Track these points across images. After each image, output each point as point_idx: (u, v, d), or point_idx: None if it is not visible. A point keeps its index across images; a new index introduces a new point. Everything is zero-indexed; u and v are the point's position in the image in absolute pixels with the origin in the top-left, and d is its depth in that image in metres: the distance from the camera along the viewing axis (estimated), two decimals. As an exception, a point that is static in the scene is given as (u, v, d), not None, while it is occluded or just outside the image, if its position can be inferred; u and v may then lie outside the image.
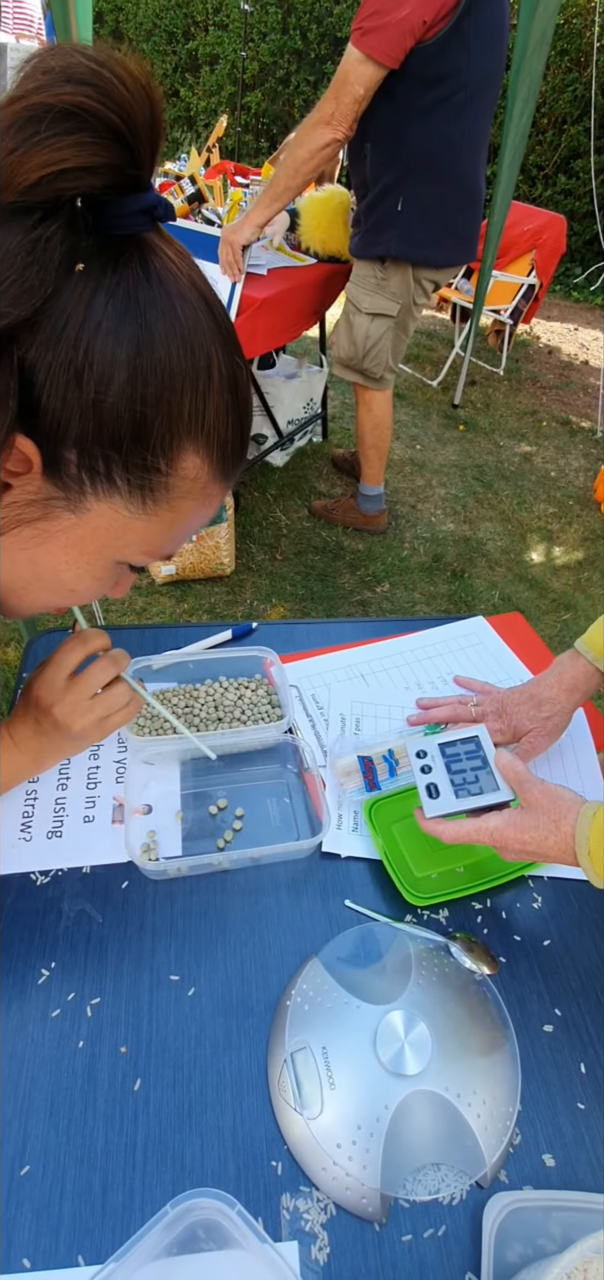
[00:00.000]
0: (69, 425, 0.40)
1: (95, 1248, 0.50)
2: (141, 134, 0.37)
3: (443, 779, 0.70)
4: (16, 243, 0.36)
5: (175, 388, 0.41)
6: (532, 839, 0.62)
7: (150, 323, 0.40)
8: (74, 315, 0.38)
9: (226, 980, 0.64)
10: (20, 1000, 0.61)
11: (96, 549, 0.46)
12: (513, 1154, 0.55)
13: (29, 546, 0.45)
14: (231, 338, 0.45)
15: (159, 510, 0.45)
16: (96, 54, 0.36)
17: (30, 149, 0.34)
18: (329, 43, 6.64)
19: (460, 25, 1.74)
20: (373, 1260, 0.50)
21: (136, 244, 0.40)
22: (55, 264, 0.37)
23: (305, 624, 1.03)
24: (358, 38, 1.75)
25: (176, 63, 7.78)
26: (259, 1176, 0.53)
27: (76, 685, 0.60)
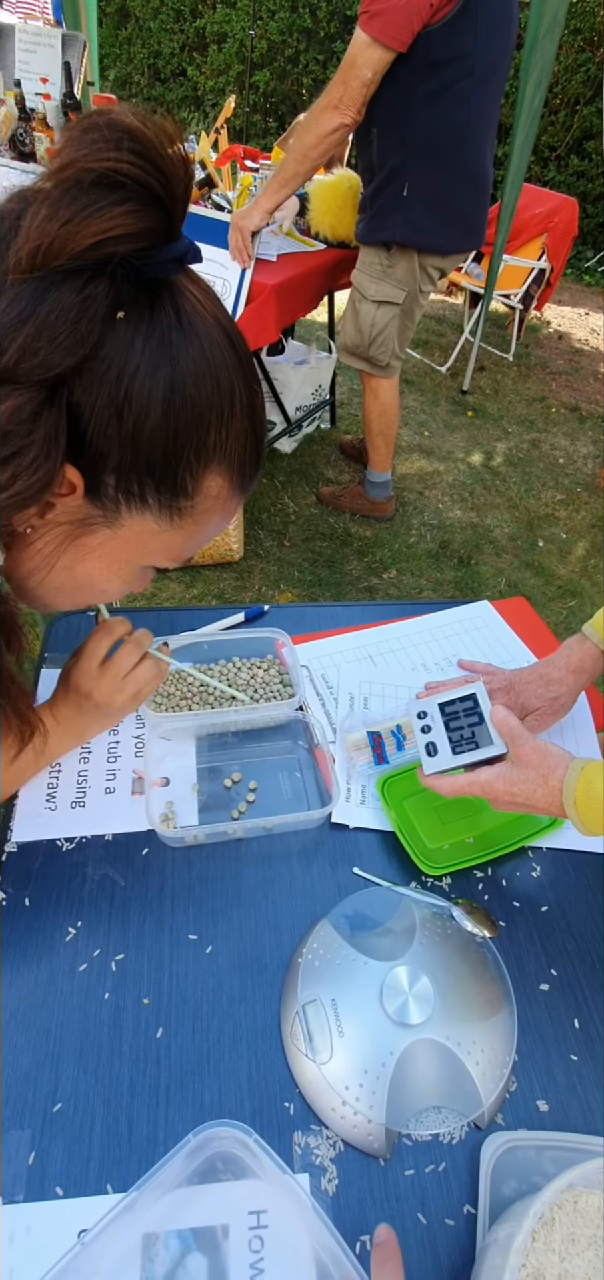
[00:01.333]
0: (109, 454, 0.45)
1: (122, 1177, 0.54)
2: (179, 196, 0.42)
3: (441, 737, 0.74)
4: (68, 302, 0.40)
5: (202, 420, 0.47)
6: (520, 791, 0.66)
7: (182, 364, 0.45)
8: (116, 360, 0.43)
9: (242, 939, 0.68)
10: (49, 956, 0.65)
11: (127, 557, 0.53)
12: (509, 1099, 0.59)
13: (68, 557, 0.51)
14: (250, 367, 0.50)
15: (184, 523, 0.51)
16: (140, 121, 0.40)
17: (83, 220, 0.38)
18: (339, 21, 6.55)
19: (468, 7, 1.74)
20: (378, 1192, 0.54)
21: (168, 288, 0.45)
22: (101, 316, 0.41)
23: (315, 607, 1.06)
24: (365, 21, 1.74)
25: (184, 41, 7.71)
26: (273, 1115, 0.58)
27: (110, 669, 0.67)
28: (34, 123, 2.52)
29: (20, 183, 1.51)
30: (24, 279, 0.40)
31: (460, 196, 2.01)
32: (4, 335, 0.40)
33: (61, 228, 0.39)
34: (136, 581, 0.57)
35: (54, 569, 0.52)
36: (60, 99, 2.58)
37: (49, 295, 0.40)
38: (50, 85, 2.68)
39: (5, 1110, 0.56)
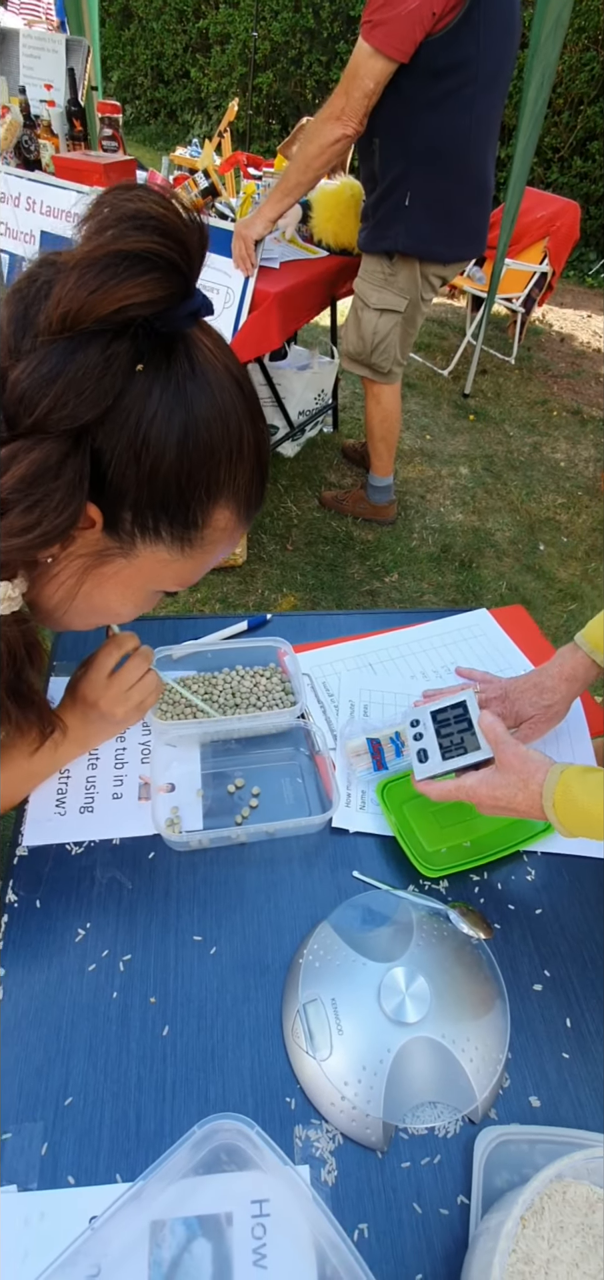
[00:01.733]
0: (127, 492, 0.49)
1: (130, 1167, 0.57)
2: (196, 261, 0.45)
3: (432, 744, 0.77)
4: (94, 360, 0.44)
5: (213, 460, 0.50)
6: (502, 795, 0.69)
7: (195, 410, 0.48)
8: (135, 409, 0.46)
9: (245, 941, 0.70)
10: (60, 956, 0.68)
11: (141, 584, 0.57)
12: (502, 1095, 0.62)
13: (87, 585, 0.55)
14: (257, 409, 0.54)
15: (194, 552, 0.55)
16: (161, 199, 0.44)
17: (109, 289, 0.42)
18: (342, 21, 6.56)
19: (470, 15, 1.75)
20: (376, 1182, 0.57)
21: (183, 340, 0.48)
22: (122, 370, 0.45)
23: (317, 615, 1.09)
24: (367, 31, 1.76)
25: (187, 42, 7.72)
26: (274, 1110, 0.60)
27: (116, 681, 0.70)
28: (39, 130, 2.55)
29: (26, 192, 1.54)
30: (53, 339, 0.43)
31: (462, 204, 2.03)
32: (35, 391, 0.43)
33: (90, 295, 0.42)
34: (147, 604, 0.61)
35: (73, 595, 0.55)
36: (65, 105, 2.60)
37: (76, 355, 0.43)
38: (55, 92, 2.71)
39: (19, 1103, 0.59)
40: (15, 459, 0.44)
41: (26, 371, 0.43)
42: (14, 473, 0.44)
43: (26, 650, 0.53)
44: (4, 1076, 0.60)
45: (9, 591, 0.49)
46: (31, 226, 2.29)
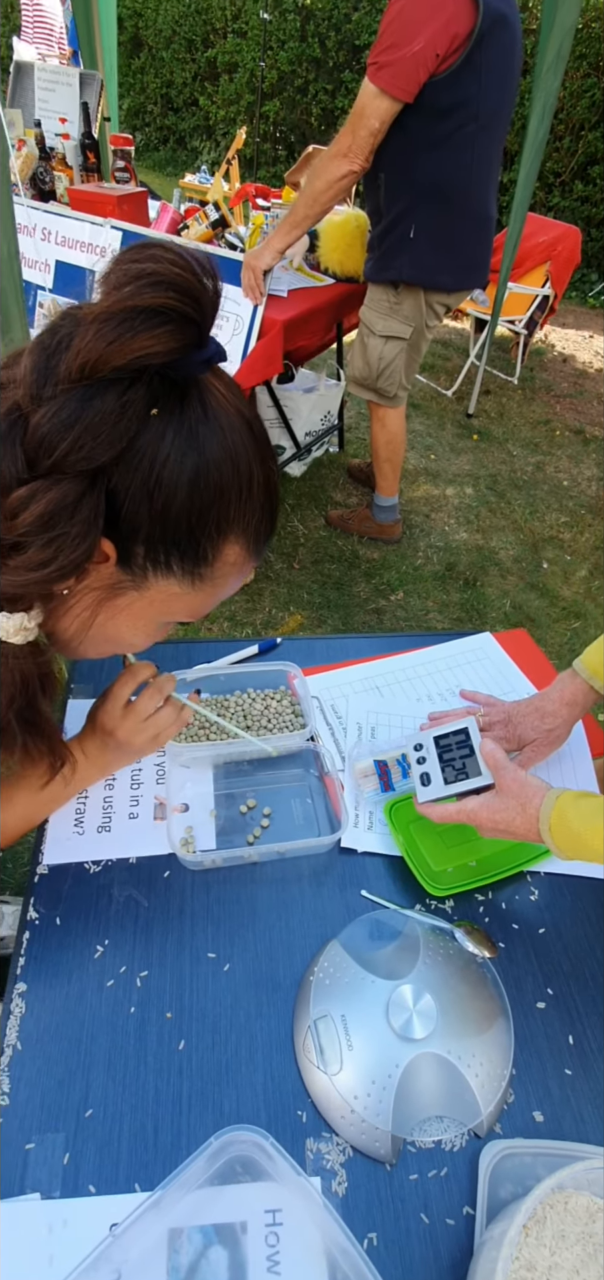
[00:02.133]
0: (140, 529, 0.51)
1: (149, 1177, 0.59)
2: (208, 314, 0.48)
3: (434, 768, 0.80)
4: (111, 406, 0.46)
5: (223, 499, 0.53)
6: (502, 819, 0.72)
7: (206, 452, 0.51)
8: (149, 451, 0.49)
9: (257, 958, 0.73)
10: (79, 972, 0.71)
11: (152, 615, 0.59)
12: (507, 1110, 0.64)
13: (100, 615, 0.57)
14: (267, 448, 0.57)
15: (204, 586, 0.57)
16: (177, 258, 0.46)
17: (125, 341, 0.45)
18: (347, 50, 6.70)
19: (472, 57, 1.81)
20: (384, 1193, 0.59)
21: (196, 385, 0.51)
22: (137, 414, 0.47)
23: (325, 639, 1.12)
24: (373, 72, 1.82)
25: (196, 71, 7.90)
26: (286, 1123, 0.62)
27: (132, 712, 0.72)
28: (54, 162, 2.63)
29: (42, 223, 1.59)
30: (72, 387, 0.46)
31: (465, 237, 2.08)
32: (55, 435, 0.46)
33: (107, 346, 0.45)
34: (159, 634, 0.63)
35: (87, 626, 0.58)
36: (79, 138, 2.68)
37: (94, 401, 0.46)
38: (69, 125, 2.79)
39: (42, 1114, 0.61)
40: (34, 498, 0.47)
41: (47, 416, 0.46)
42: (33, 510, 0.46)
43: (40, 680, 0.55)
44: (28, 1088, 0.63)
45: (25, 622, 0.52)
46: (46, 256, 2.36)
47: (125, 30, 8.12)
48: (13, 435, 0.47)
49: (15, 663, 0.53)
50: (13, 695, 0.54)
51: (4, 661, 0.53)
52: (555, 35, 2.72)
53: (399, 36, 1.77)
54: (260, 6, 6.45)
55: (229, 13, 7.39)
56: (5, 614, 0.51)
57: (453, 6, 1.74)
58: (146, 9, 8.09)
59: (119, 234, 2.26)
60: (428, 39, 1.75)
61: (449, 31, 1.76)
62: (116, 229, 2.26)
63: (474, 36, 1.78)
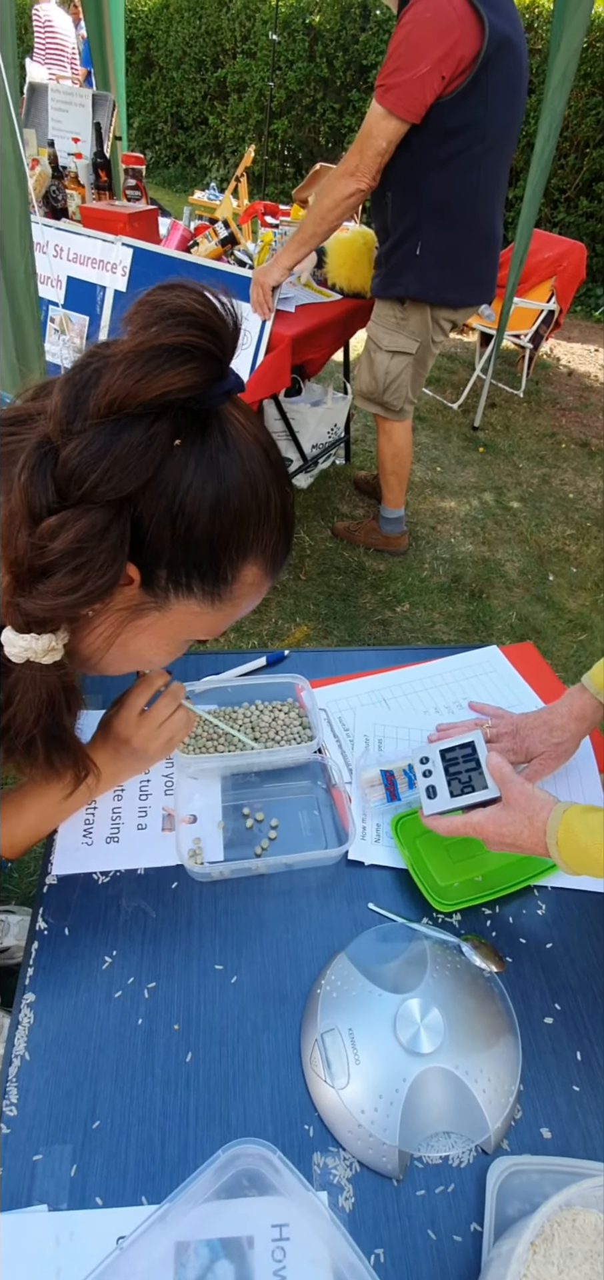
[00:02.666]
0: (163, 553, 0.54)
1: (156, 1190, 0.59)
2: (229, 349, 0.50)
3: (440, 781, 0.80)
4: (138, 439, 0.48)
5: (242, 523, 0.55)
6: (508, 832, 0.72)
7: (227, 479, 0.53)
8: (172, 479, 0.51)
9: (264, 970, 0.73)
10: (88, 983, 0.71)
11: (173, 635, 0.61)
12: (514, 1126, 0.64)
13: (123, 635, 0.59)
14: (284, 474, 0.59)
15: (224, 606, 0.59)
16: (200, 296, 0.49)
17: (152, 378, 0.47)
18: (354, 70, 6.79)
19: (478, 80, 1.83)
20: (392, 1209, 0.59)
21: (217, 415, 0.53)
22: (162, 445, 0.50)
23: (332, 651, 1.12)
24: (381, 94, 1.85)
25: (205, 90, 8.02)
26: (294, 1137, 0.62)
27: (148, 719, 0.74)
28: (66, 180, 2.68)
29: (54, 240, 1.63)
30: (101, 422, 0.48)
31: (471, 254, 2.10)
32: (85, 466, 0.48)
33: (135, 384, 0.47)
34: (178, 652, 0.65)
35: (110, 645, 0.59)
36: (91, 157, 2.73)
37: (122, 434, 0.48)
38: (82, 144, 2.84)
39: (50, 1125, 0.62)
40: (64, 526, 0.49)
41: (77, 450, 0.48)
42: (63, 538, 0.49)
43: (65, 696, 0.57)
44: (35, 1098, 0.63)
45: (52, 643, 0.53)
46: (58, 272, 2.39)
47: (137, 51, 8.26)
48: (44, 466, 0.49)
49: (43, 681, 0.55)
50: (40, 712, 0.56)
51: (32, 680, 0.55)
52: (562, 57, 2.76)
53: (406, 60, 1.80)
54: (270, 28, 6.54)
55: (239, 34, 7.50)
56: (34, 635, 0.52)
57: (459, 31, 1.77)
58: (158, 30, 8.23)
59: (130, 251, 2.29)
60: (434, 62, 1.78)
61: (455, 55, 1.78)
62: (127, 246, 2.29)
63: (480, 60, 1.80)
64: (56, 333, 2.41)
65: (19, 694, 0.55)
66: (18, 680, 0.55)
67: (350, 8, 6.68)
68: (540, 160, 3.01)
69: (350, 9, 6.68)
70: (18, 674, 0.55)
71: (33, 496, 0.49)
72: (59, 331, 2.41)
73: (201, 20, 7.79)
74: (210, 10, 7.67)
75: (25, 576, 0.50)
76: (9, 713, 0.56)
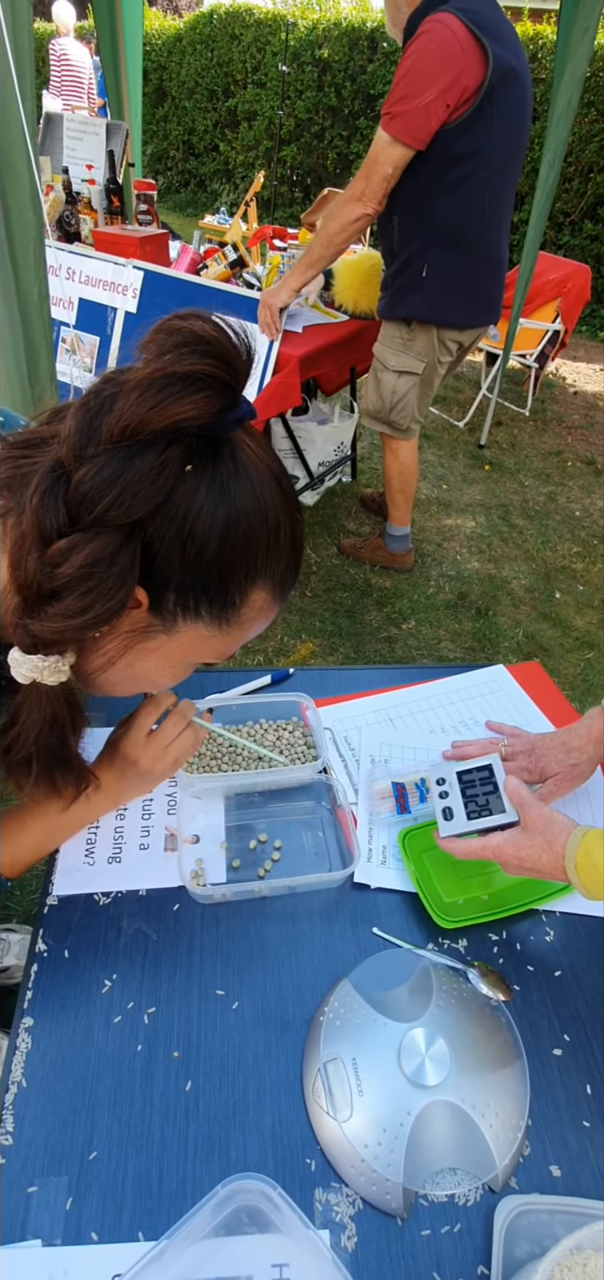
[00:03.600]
0: (172, 577, 0.53)
1: (153, 1225, 0.58)
2: (242, 378, 0.50)
3: (457, 803, 0.79)
4: (150, 464, 0.49)
5: (252, 549, 0.55)
6: (527, 856, 0.71)
7: (237, 506, 0.53)
8: (183, 504, 0.51)
9: (266, 996, 0.72)
10: (87, 1006, 0.70)
11: (180, 658, 0.61)
12: (522, 1163, 0.61)
13: (130, 656, 0.59)
14: (293, 500, 0.59)
15: (231, 630, 0.59)
16: (214, 325, 0.49)
17: (165, 405, 0.47)
18: (362, 99, 6.93)
19: (483, 108, 1.86)
20: (395, 1249, 0.57)
21: (228, 442, 0.53)
22: (174, 471, 0.50)
23: (337, 670, 1.11)
24: (387, 121, 1.88)
25: (217, 119, 8.20)
26: (295, 1171, 0.61)
27: (156, 740, 0.73)
28: (79, 205, 2.73)
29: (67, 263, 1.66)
30: (114, 447, 0.48)
31: (477, 277, 2.12)
32: (97, 491, 0.48)
33: (150, 410, 0.47)
34: (184, 675, 0.65)
35: (117, 667, 0.59)
36: (104, 183, 2.78)
37: (134, 460, 0.48)
38: (95, 171, 2.89)
39: (45, 1155, 0.60)
40: (74, 549, 0.49)
41: (90, 474, 0.48)
42: (73, 562, 0.49)
43: (71, 716, 0.57)
44: (31, 1127, 0.61)
45: (59, 664, 0.53)
46: (71, 294, 2.43)
47: (150, 82, 8.47)
48: (56, 490, 0.49)
49: (48, 701, 0.55)
50: (44, 731, 0.56)
51: (38, 700, 0.55)
52: (566, 87, 2.80)
53: (411, 88, 1.83)
54: (280, 59, 6.69)
55: (249, 65, 7.68)
56: (40, 655, 0.52)
57: (463, 61, 1.80)
58: (171, 62, 8.44)
59: (140, 273, 2.32)
60: (439, 91, 1.81)
61: (460, 85, 1.81)
62: (138, 268, 2.33)
63: (484, 89, 1.83)
64: (67, 353, 2.45)
65: (24, 714, 0.55)
66: (24, 700, 0.55)
67: (358, 40, 6.82)
68: (545, 185, 3.05)
69: (358, 41, 6.82)
70: (24, 694, 0.55)
71: (44, 519, 0.49)
72: (70, 352, 2.44)
73: (213, 52, 7.98)
74: (222, 43, 7.86)
75: (34, 598, 0.50)
76: (13, 732, 0.56)
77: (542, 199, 3.07)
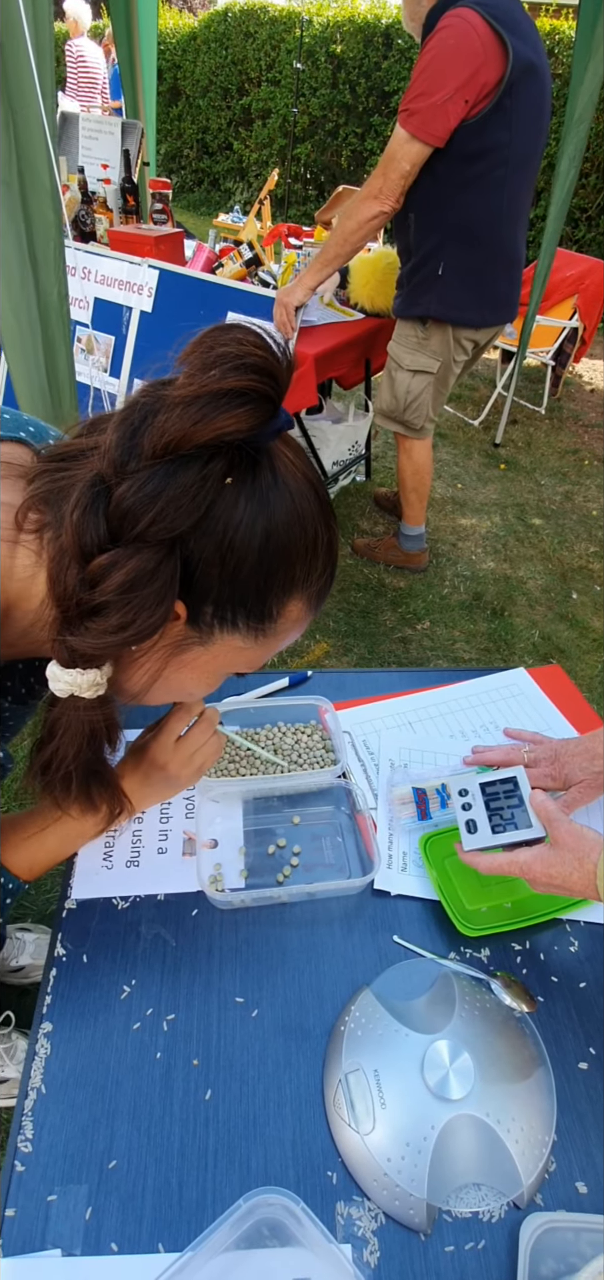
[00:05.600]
0: (210, 590, 0.53)
1: (173, 1238, 0.57)
2: (284, 391, 0.49)
3: (481, 816, 0.77)
4: (191, 479, 0.48)
5: (290, 561, 0.54)
6: (557, 873, 0.69)
7: (276, 517, 0.52)
8: (222, 517, 0.50)
9: (286, 1004, 0.71)
10: (106, 1013, 0.69)
11: (215, 669, 0.60)
12: (548, 1180, 0.60)
13: (166, 670, 0.58)
14: (330, 510, 0.58)
15: (267, 640, 0.58)
16: (258, 340, 0.48)
17: (210, 420, 0.46)
18: (376, 96, 6.89)
19: (502, 103, 1.83)
20: (419, 1266, 0.56)
21: (267, 453, 0.52)
22: (215, 485, 0.49)
23: (356, 673, 1.10)
24: (405, 119, 1.86)
25: (231, 117, 8.19)
26: (316, 1184, 0.60)
27: (183, 746, 0.73)
28: (95, 205, 2.73)
29: (83, 263, 1.65)
30: (156, 463, 0.48)
31: (494, 275, 2.09)
32: (139, 507, 0.48)
33: (193, 425, 0.46)
34: (218, 685, 0.64)
35: (153, 679, 0.58)
36: (120, 182, 2.78)
37: (177, 475, 0.48)
38: (110, 170, 2.90)
39: (65, 1164, 0.60)
40: (116, 565, 0.48)
41: (132, 490, 0.48)
42: (114, 578, 0.48)
43: (106, 730, 0.57)
44: (51, 1134, 0.61)
45: (97, 678, 0.53)
46: (87, 294, 2.43)
47: (164, 81, 8.47)
48: (97, 505, 0.49)
49: (86, 715, 0.55)
50: (81, 746, 0.56)
51: (76, 715, 0.54)
52: (585, 89, 2.79)
53: (430, 84, 1.80)
54: (294, 57, 6.67)
55: (263, 63, 7.66)
56: (79, 670, 0.52)
57: (482, 56, 1.77)
58: (185, 60, 8.44)
59: (156, 273, 2.32)
60: (457, 87, 1.79)
61: (478, 81, 1.79)
62: (153, 268, 2.33)
63: (503, 85, 1.81)
64: (83, 353, 2.45)
65: (61, 729, 0.55)
66: (61, 714, 0.55)
67: (373, 36, 6.79)
68: (564, 184, 3.02)
69: (373, 38, 6.79)
70: (61, 708, 0.55)
71: (84, 534, 0.49)
72: (85, 351, 2.45)
73: (227, 50, 7.97)
74: (236, 41, 7.85)
75: (74, 613, 0.50)
76: (51, 746, 0.56)
77: (561, 197, 3.04)
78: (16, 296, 1.48)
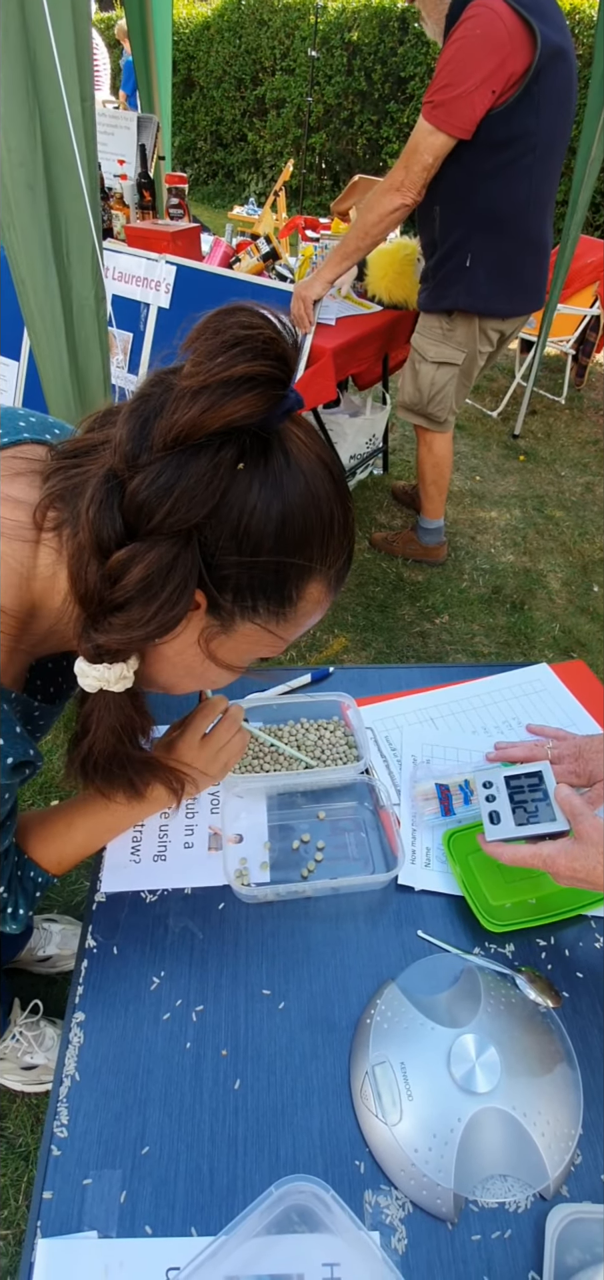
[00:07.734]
0: (229, 577, 0.53)
1: (205, 1222, 0.59)
2: (293, 372, 0.49)
3: (505, 807, 0.78)
4: (204, 467, 0.48)
5: (307, 543, 0.54)
6: (581, 867, 0.69)
7: (290, 499, 0.52)
8: (237, 504, 0.50)
9: (312, 997, 0.72)
10: (136, 1004, 0.71)
11: (239, 655, 0.60)
12: (574, 1172, 0.61)
13: (191, 659, 0.59)
14: (345, 490, 0.57)
15: (288, 624, 0.58)
16: (265, 320, 0.48)
17: (220, 407, 0.46)
18: (392, 83, 6.79)
19: (530, 91, 1.79)
20: (446, 1253, 0.57)
21: (278, 435, 0.52)
22: (227, 471, 0.49)
23: (378, 669, 1.11)
24: (429, 110, 1.83)
25: (244, 108, 8.14)
26: (344, 1173, 0.61)
27: (209, 744, 0.74)
28: (112, 201, 2.74)
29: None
30: (168, 454, 0.48)
31: (521, 264, 2.06)
32: (154, 500, 0.48)
33: (203, 414, 0.47)
34: (241, 670, 0.64)
35: (176, 667, 0.60)
36: (136, 178, 2.79)
37: (189, 465, 0.48)
38: (127, 166, 2.90)
39: (99, 1149, 0.61)
40: (134, 560, 0.49)
41: (145, 483, 0.48)
42: (134, 573, 0.49)
43: (139, 720, 0.58)
44: (85, 1120, 0.63)
45: (124, 671, 0.54)
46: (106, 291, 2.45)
47: (178, 72, 8.44)
48: (111, 500, 0.50)
49: (117, 708, 0.56)
50: (119, 738, 0.57)
51: (107, 708, 0.56)
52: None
53: (455, 75, 1.76)
54: (309, 44, 6.61)
55: (278, 52, 7.60)
56: (105, 665, 0.53)
57: (510, 45, 1.74)
58: (198, 51, 8.39)
59: (173, 268, 2.33)
60: (484, 78, 1.75)
61: (506, 70, 1.75)
62: (171, 264, 2.33)
63: (531, 72, 1.76)
64: (101, 350, 2.47)
65: (95, 723, 0.57)
66: (92, 708, 0.56)
67: (388, 21, 6.69)
68: (592, 170, 2.97)
69: (388, 23, 6.69)
70: (92, 702, 0.56)
71: (101, 531, 0.49)
72: (104, 349, 2.46)
73: (241, 39, 7.92)
74: (250, 30, 7.79)
75: (97, 610, 0.51)
76: (88, 740, 0.57)
77: (586, 181, 2.99)
78: (41, 299, 1.49)
